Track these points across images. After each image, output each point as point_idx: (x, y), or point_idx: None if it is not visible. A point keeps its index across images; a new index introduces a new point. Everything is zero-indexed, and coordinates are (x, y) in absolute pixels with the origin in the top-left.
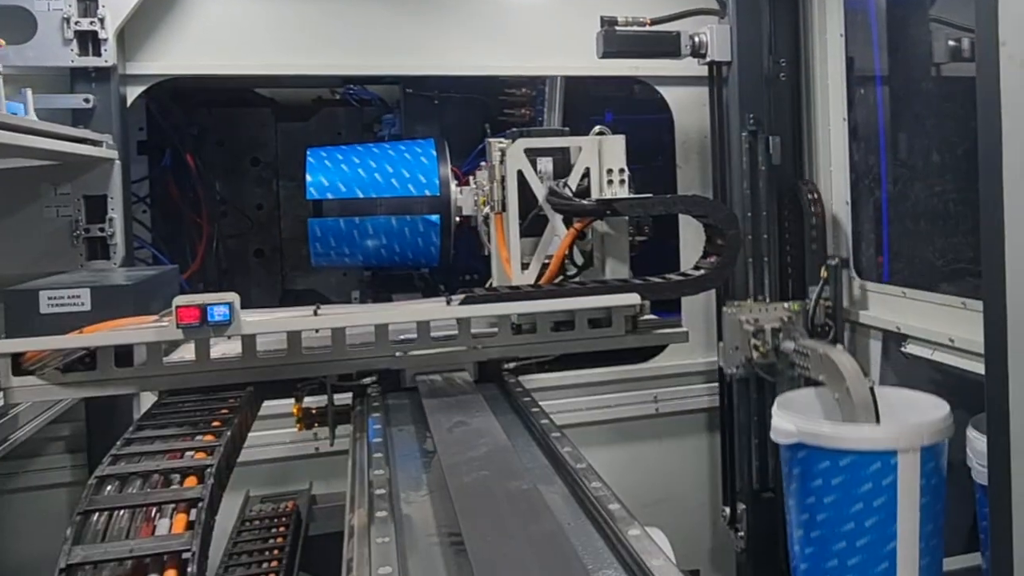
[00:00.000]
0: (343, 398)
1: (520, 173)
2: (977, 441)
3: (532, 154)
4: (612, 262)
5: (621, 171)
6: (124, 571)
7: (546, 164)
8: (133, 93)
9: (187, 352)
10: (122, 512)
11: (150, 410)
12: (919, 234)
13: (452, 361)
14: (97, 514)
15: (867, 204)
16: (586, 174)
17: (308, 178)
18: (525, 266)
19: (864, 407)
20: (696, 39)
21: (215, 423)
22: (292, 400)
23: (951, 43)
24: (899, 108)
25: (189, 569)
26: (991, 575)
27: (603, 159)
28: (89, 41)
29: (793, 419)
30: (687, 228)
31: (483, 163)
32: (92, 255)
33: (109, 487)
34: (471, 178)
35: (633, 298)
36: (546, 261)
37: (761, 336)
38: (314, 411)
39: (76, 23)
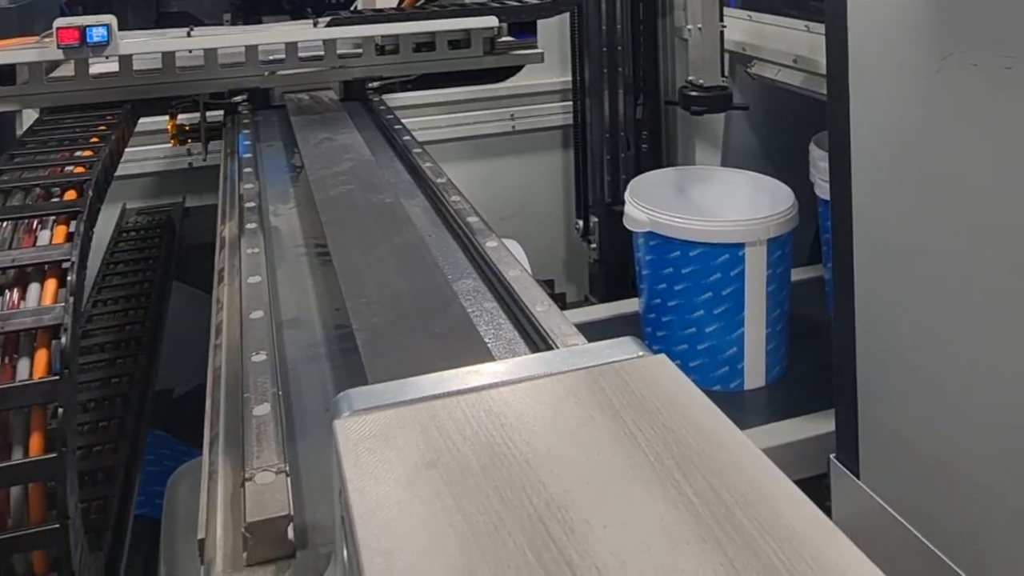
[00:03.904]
0: (216, 115)
1: None
2: (819, 160)
3: None
4: None
5: None
6: (7, 280)
7: None
8: None
9: (67, 73)
10: (5, 224)
11: (32, 127)
12: None
13: (319, 80)
14: None
15: None
16: None
17: None
18: None
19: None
20: None
21: (93, 139)
22: (167, 117)
23: None
24: None
25: (68, 278)
26: (833, 284)
27: None
28: None
29: (645, 208)
30: None
31: None
32: None
33: None
34: None
35: (491, 20)
36: None
37: None
38: (188, 128)
39: None
